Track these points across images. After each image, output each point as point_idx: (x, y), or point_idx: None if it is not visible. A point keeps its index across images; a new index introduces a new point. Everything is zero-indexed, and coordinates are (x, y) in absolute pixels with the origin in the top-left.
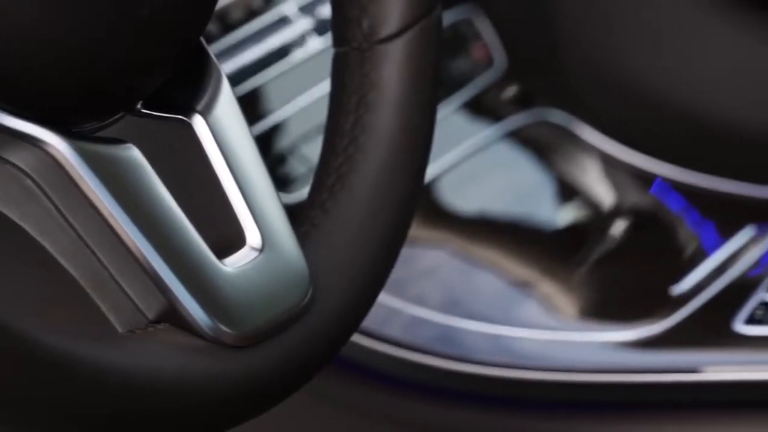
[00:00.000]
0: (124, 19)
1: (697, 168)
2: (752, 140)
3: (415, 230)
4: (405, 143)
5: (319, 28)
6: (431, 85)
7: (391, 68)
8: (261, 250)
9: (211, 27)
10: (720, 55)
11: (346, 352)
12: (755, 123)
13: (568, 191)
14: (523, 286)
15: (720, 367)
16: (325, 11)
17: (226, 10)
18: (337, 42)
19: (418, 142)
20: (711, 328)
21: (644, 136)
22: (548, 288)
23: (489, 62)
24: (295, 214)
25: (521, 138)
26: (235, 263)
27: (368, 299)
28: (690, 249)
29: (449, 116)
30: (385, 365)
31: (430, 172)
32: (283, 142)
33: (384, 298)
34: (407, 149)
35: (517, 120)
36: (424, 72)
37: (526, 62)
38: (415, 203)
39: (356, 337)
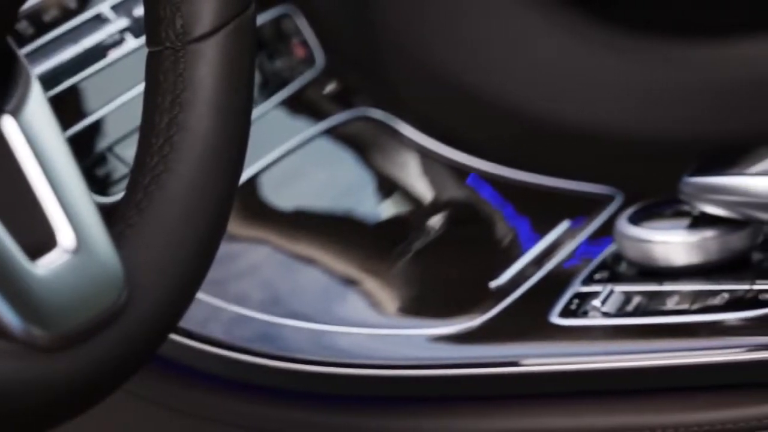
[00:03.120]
0: None
1: (514, 164)
2: (566, 136)
3: (236, 229)
4: (220, 142)
5: (136, 28)
6: (246, 84)
7: (205, 67)
8: (75, 251)
9: (26, 27)
10: (537, 53)
11: (168, 353)
12: (569, 119)
13: (388, 187)
14: (344, 282)
15: (538, 359)
16: (141, 10)
17: (40, 9)
18: (151, 42)
19: (234, 140)
20: (528, 320)
21: (462, 133)
22: (369, 284)
23: (309, 60)
24: (111, 214)
25: (342, 134)
26: (48, 265)
27: (185, 298)
28: (507, 243)
29: (269, 114)
30: (207, 365)
31: (251, 170)
32: (101, 143)
33: (204, 297)
34: (222, 148)
35: (337, 117)
36: (239, 70)
37: (346, 60)
38: (231, 201)
39: (177, 337)
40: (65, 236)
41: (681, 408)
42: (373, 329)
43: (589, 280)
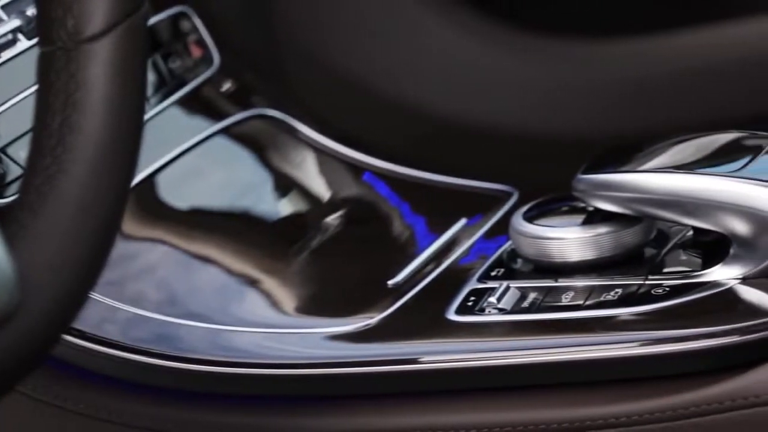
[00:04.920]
0: None
1: (410, 163)
2: (463, 135)
3: (133, 229)
4: (113, 142)
5: (28, 28)
6: (139, 83)
7: (98, 67)
8: None
9: None
10: (435, 52)
11: (63, 354)
12: (466, 118)
13: (285, 186)
14: (241, 282)
15: (435, 356)
16: (34, 10)
17: None
18: (43, 42)
19: (127, 140)
20: (426, 318)
21: (360, 132)
22: (266, 283)
23: (206, 59)
24: (4, 215)
25: (239, 133)
26: None
27: (79, 298)
28: (404, 241)
29: (166, 113)
30: (103, 366)
31: (147, 169)
32: None
33: (100, 298)
34: (115, 148)
35: (234, 116)
36: (132, 70)
37: (243, 59)
38: (125, 201)
39: (72, 339)
40: None
41: (576, 402)
42: (270, 328)
43: (485, 277)
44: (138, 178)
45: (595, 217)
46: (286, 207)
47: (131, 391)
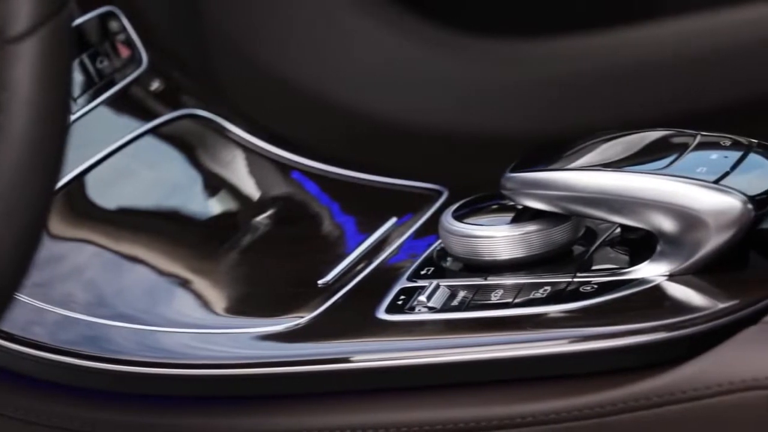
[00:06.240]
0: None
1: (341, 163)
2: (394, 135)
3: (61, 230)
4: (39, 142)
5: None
6: (64, 84)
7: (23, 68)
8: None
9: None
10: (367, 52)
11: None
12: (395, 117)
13: (215, 185)
14: (170, 282)
15: (366, 355)
16: None
17: None
18: None
19: (53, 140)
20: (356, 317)
21: (290, 132)
22: (196, 283)
23: (134, 59)
24: None
25: (168, 133)
26: None
27: (5, 299)
28: (335, 241)
29: (94, 113)
30: (31, 368)
31: (76, 170)
32: None
33: (28, 300)
34: (41, 148)
35: (163, 115)
36: (57, 71)
37: (171, 58)
38: (50, 202)
39: (0, 341)
40: None
41: (506, 400)
42: (199, 329)
43: (415, 276)
44: (66, 178)
45: (523, 216)
46: (215, 207)
47: (60, 393)
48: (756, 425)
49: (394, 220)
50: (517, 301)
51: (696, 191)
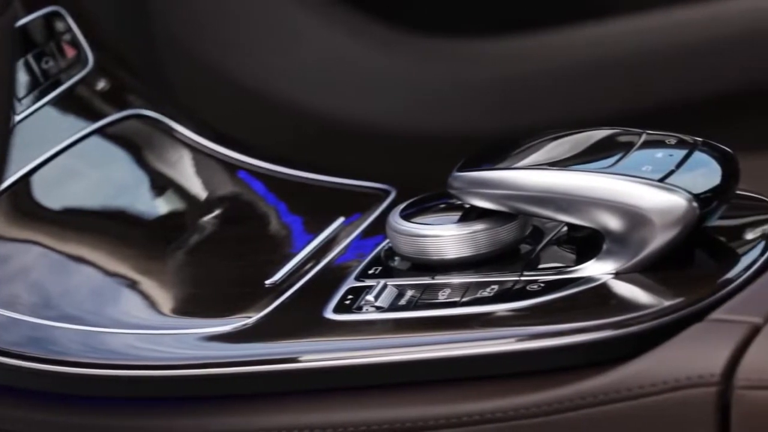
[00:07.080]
0: None
1: (288, 162)
2: (342, 134)
3: (6, 230)
4: None
5: None
6: (8, 84)
7: None
8: None
9: None
10: (314, 52)
11: None
12: (343, 117)
13: (162, 185)
14: (117, 283)
15: (313, 355)
16: None
17: None
18: None
19: None
20: (304, 317)
21: (237, 132)
22: (143, 284)
23: (80, 59)
24: None
25: (114, 133)
26: None
27: None
28: (282, 241)
29: (40, 113)
30: None
31: (22, 170)
32: None
33: None
34: None
35: (110, 115)
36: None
37: (117, 58)
38: None
39: None
40: None
41: (454, 398)
42: (145, 330)
43: (362, 276)
44: (12, 178)
45: (470, 215)
46: (162, 207)
47: (5, 395)
48: (701, 422)
49: (341, 219)
50: (464, 300)
51: (641, 189)
